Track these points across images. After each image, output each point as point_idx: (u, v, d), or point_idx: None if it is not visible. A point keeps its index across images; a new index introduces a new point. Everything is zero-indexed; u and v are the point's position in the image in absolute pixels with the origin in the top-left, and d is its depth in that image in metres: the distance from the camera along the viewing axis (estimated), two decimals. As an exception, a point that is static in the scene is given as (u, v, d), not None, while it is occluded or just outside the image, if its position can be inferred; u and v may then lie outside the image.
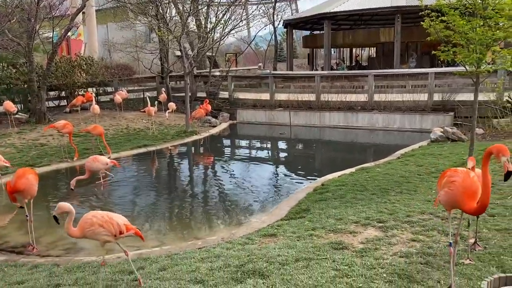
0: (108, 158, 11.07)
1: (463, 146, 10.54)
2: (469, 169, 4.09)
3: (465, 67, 8.72)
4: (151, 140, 13.33)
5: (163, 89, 18.39)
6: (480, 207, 3.51)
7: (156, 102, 15.88)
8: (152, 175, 10.77)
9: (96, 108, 14.30)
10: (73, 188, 8.37)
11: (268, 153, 14.47)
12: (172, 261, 4.81)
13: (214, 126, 16.38)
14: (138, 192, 9.11)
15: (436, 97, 15.00)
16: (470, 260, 4.22)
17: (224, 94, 19.20)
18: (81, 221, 4.06)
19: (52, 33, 17.38)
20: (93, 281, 4.31)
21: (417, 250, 4.56)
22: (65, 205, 4.10)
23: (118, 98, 16.70)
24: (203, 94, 19.06)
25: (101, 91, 19.32)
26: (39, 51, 19.44)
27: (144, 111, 15.20)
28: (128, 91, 18.66)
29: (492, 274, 3.80)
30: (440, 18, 8.53)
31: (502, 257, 4.19)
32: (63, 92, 17.98)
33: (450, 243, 3.69)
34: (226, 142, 15.86)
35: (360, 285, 3.87)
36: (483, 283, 2.60)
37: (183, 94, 16.45)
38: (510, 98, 12.76)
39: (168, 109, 15.84)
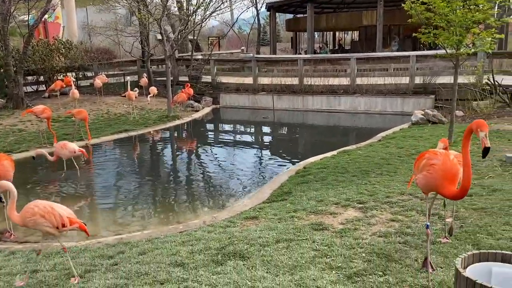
0: (87, 145, 10.96)
1: (443, 128, 10.67)
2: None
3: (445, 50, 8.77)
4: (132, 125, 13.16)
5: (145, 74, 18.11)
6: (461, 191, 3.35)
7: (137, 86, 15.65)
8: (134, 160, 10.67)
9: (75, 92, 14.02)
10: (34, 157, 8.19)
11: (251, 137, 14.44)
12: (152, 245, 4.79)
13: (197, 111, 16.25)
14: (120, 177, 9.02)
15: (418, 80, 15.11)
16: (447, 238, 4.30)
17: (207, 78, 19.01)
18: (23, 209, 3.89)
19: (28, 15, 16.88)
20: (72, 266, 4.25)
21: (396, 230, 4.63)
22: (5, 183, 3.97)
23: (98, 82, 16.40)
24: (185, 78, 18.82)
25: (80, 76, 18.93)
26: (16, 34, 18.90)
27: (125, 96, 14.97)
28: (109, 76, 18.33)
29: (468, 251, 3.88)
30: (421, 0, 8.54)
31: (477, 235, 4.28)
32: (42, 77, 17.57)
33: (427, 224, 3.70)
34: (209, 126, 15.77)
35: (339, 264, 3.91)
36: (457, 260, 2.64)
37: (164, 78, 16.22)
38: (490, 81, 12.93)
39: (149, 93, 15.61)
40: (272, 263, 4.01)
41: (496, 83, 12.83)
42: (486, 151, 3.15)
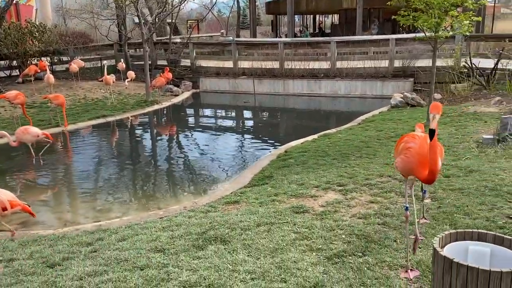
0: (64, 131, 10.73)
1: (421, 111, 10.80)
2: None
3: (424, 33, 8.81)
4: (110, 110, 12.91)
5: (122, 58, 17.73)
6: (428, 174, 3.28)
7: (114, 71, 15.32)
8: (112, 146, 10.50)
9: (50, 77, 13.62)
10: None
11: (232, 121, 14.36)
12: (132, 231, 4.73)
13: (176, 95, 16.03)
14: (98, 164, 8.87)
15: (397, 63, 15.19)
16: (425, 219, 4.36)
17: (186, 62, 18.74)
18: None
19: (-2, -3, 16.26)
20: (49, 254, 4.17)
21: (375, 211, 4.67)
22: None
23: (74, 67, 15.98)
24: (164, 62, 18.51)
25: (55, 60, 18.41)
26: (-14, 17, 18.18)
27: (102, 81, 14.65)
28: (85, 60, 17.88)
29: (445, 231, 3.95)
30: (400, -17, 8.53)
31: (455, 215, 4.36)
32: (15, 62, 17.02)
33: (406, 207, 3.68)
34: (189, 111, 15.61)
35: (320, 246, 3.93)
36: (435, 239, 2.67)
37: (142, 62, 15.91)
38: (467, 64, 13.09)
39: (127, 78, 15.31)
40: (253, 247, 4.01)
41: (473, 66, 13.01)
42: (430, 133, 3.05)
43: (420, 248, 3.77)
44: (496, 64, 12.64)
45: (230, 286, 3.31)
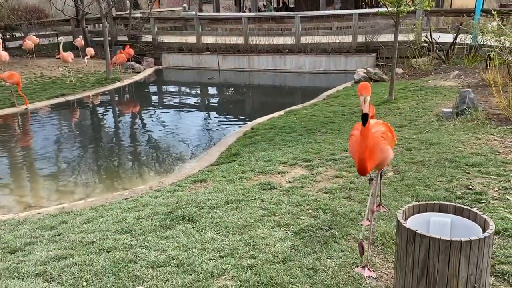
0: (26, 110, 10.28)
1: (384, 86, 10.99)
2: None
3: (386, 7, 8.88)
4: (69, 89, 12.45)
5: (80, 35, 17.00)
6: (357, 164, 2.99)
7: (73, 47, 14.70)
8: (74, 125, 10.16)
9: (3, 55, 12.92)
10: None
11: (197, 99, 14.17)
12: (97, 213, 4.63)
13: (138, 72, 15.62)
14: (59, 144, 8.58)
15: (360, 38, 15.33)
16: (382, 206, 4.15)
17: (148, 38, 18.19)
18: None
19: None
20: (10, 239, 4.03)
21: (340, 186, 4.76)
22: None
23: (28, 43, 15.21)
24: (124, 38, 17.92)
25: (8, 36, 17.46)
26: None
27: (60, 58, 14.04)
28: (40, 36, 17.05)
29: (408, 203, 4.08)
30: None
31: (416, 187, 4.50)
32: (-37, 38, 16.02)
33: (371, 178, 3.75)
34: (152, 88, 15.27)
35: (287, 221, 3.98)
36: (399, 212, 2.74)
37: (102, 39, 15.32)
38: (427, 38, 13.36)
39: (86, 55, 14.74)
40: (222, 225, 4.02)
41: (434, 40, 13.30)
42: (364, 118, 2.78)
43: (383, 220, 3.88)
44: (455, 38, 12.96)
45: (199, 265, 3.31)
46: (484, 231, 2.54)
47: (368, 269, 3.13)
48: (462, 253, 2.38)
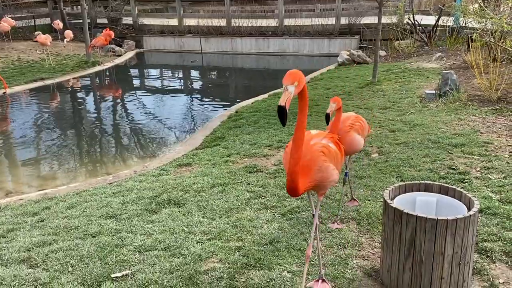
0: (4, 93, 10.01)
1: (367, 68, 11.02)
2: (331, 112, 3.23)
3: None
4: (48, 73, 12.14)
5: (58, 18, 16.53)
6: (287, 182, 2.35)
7: (51, 30, 14.29)
8: (54, 110, 9.93)
9: (-23, 38, 12.53)
10: None
11: (180, 82, 13.99)
12: (81, 198, 4.56)
13: (119, 55, 15.32)
14: (40, 130, 8.39)
15: (343, 20, 15.29)
16: (354, 200, 3.93)
17: (128, 20, 17.82)
18: None
19: None
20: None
21: (327, 168, 4.77)
22: None
23: (4, 26, 14.73)
24: (104, 21, 17.52)
25: (-18, 19, 16.87)
26: None
27: (37, 41, 13.65)
28: (16, 18, 16.51)
29: (393, 183, 4.12)
30: None
31: (401, 168, 4.54)
32: None
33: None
34: (134, 72, 15.01)
35: (274, 204, 3.99)
36: (385, 192, 2.76)
37: (81, 21, 14.94)
38: (410, 20, 13.39)
39: (64, 37, 14.37)
40: (208, 208, 4.00)
41: (416, 22, 13.34)
42: (279, 112, 2.06)
43: (369, 200, 3.92)
44: (437, 21, 13.03)
45: (187, 248, 3.30)
46: (469, 209, 2.58)
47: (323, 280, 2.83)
48: (448, 231, 2.41)
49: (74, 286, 2.91)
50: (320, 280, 2.79)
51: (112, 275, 3.01)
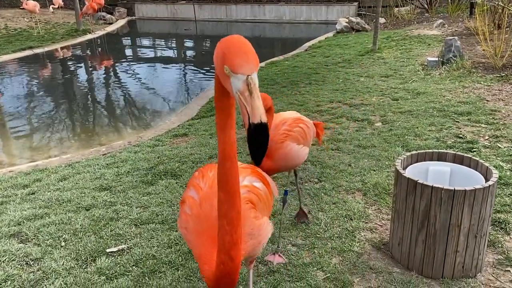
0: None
1: (367, 36, 10.72)
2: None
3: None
4: (37, 41, 11.72)
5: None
6: (217, 268, 1.49)
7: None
8: (45, 80, 9.61)
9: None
10: None
11: (173, 51, 13.61)
12: (73, 170, 4.37)
13: (110, 23, 14.84)
14: (30, 100, 8.11)
15: (342, -14, 14.84)
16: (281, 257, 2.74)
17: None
18: None
19: None
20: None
21: (328, 137, 4.60)
22: None
23: (-11, -8, 14.17)
24: (94, -13, 16.87)
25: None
26: None
27: (25, 8, 13.13)
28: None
29: (399, 154, 3.97)
30: None
31: (406, 137, 4.38)
32: None
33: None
34: (126, 41, 14.57)
35: (276, 175, 3.82)
36: (397, 161, 2.60)
37: (69, -13, 14.39)
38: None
39: (53, 4, 13.83)
40: (207, 179, 3.83)
41: (416, -11, 12.96)
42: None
43: (374, 171, 3.76)
44: (438, -14, 12.65)
45: (185, 221, 3.15)
46: (486, 179, 2.43)
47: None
48: (466, 202, 2.26)
49: (67, 262, 2.76)
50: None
51: (107, 250, 2.87)
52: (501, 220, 2.86)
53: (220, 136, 1.42)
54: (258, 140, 1.21)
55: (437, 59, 7.12)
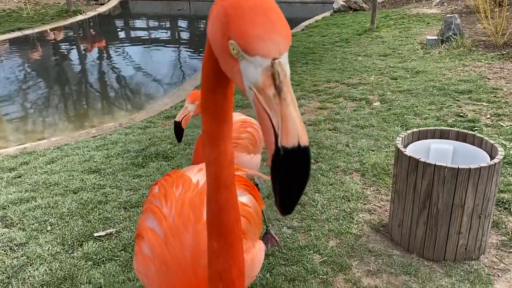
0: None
1: (364, 15, 10.50)
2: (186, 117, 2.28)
3: None
4: (27, 22, 11.43)
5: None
6: None
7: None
8: (35, 62, 9.37)
9: None
10: None
11: (167, 32, 13.33)
12: (62, 152, 4.23)
13: (102, 4, 14.50)
14: (19, 82, 7.90)
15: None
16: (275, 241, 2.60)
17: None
18: None
19: None
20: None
21: (325, 117, 4.47)
22: None
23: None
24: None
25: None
26: None
27: (13, -12, 12.80)
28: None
29: (398, 133, 3.84)
30: None
31: (405, 116, 4.25)
32: None
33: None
34: (119, 22, 14.26)
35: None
36: (398, 139, 2.47)
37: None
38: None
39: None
40: (199, 161, 3.70)
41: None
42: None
43: (373, 151, 3.64)
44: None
45: (177, 204, 3.03)
46: (491, 157, 2.31)
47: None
48: (470, 181, 2.14)
49: (53, 247, 2.65)
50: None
51: (95, 234, 2.75)
52: (504, 200, 2.76)
53: (211, 153, 0.92)
54: (294, 177, 0.73)
55: (436, 37, 6.95)
